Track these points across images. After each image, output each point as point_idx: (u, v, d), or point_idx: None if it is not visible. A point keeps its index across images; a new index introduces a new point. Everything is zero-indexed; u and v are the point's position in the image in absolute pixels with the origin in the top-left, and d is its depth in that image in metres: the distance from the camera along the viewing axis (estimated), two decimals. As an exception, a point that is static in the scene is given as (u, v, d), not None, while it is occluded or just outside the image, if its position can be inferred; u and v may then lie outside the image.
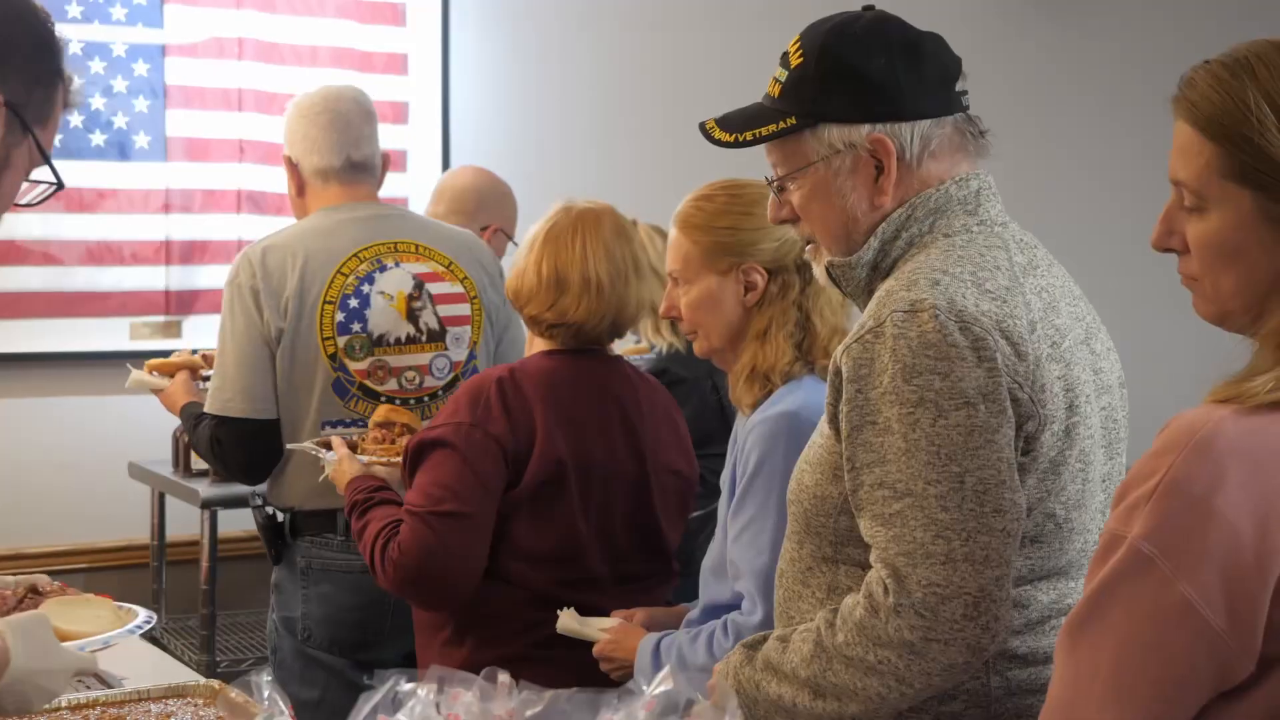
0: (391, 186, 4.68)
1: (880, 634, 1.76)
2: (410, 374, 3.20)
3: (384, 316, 3.17)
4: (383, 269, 3.19)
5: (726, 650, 2.33)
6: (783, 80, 1.98)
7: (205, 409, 3.19)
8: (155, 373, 3.45)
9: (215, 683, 2.28)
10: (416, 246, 3.24)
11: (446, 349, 3.23)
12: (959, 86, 1.98)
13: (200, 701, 2.22)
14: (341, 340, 3.14)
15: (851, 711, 1.81)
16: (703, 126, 2.07)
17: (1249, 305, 1.47)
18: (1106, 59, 5.66)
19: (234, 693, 2.17)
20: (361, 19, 4.70)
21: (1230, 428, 1.39)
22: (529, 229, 2.79)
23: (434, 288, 3.22)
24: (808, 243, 2.05)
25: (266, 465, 3.22)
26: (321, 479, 2.99)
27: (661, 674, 2.09)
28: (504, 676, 2.20)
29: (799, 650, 1.85)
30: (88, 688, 2.24)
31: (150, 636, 3.94)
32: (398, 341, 3.18)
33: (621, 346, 3.81)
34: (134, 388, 3.49)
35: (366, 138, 3.30)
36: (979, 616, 1.73)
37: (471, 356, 3.26)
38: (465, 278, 3.27)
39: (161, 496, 4.27)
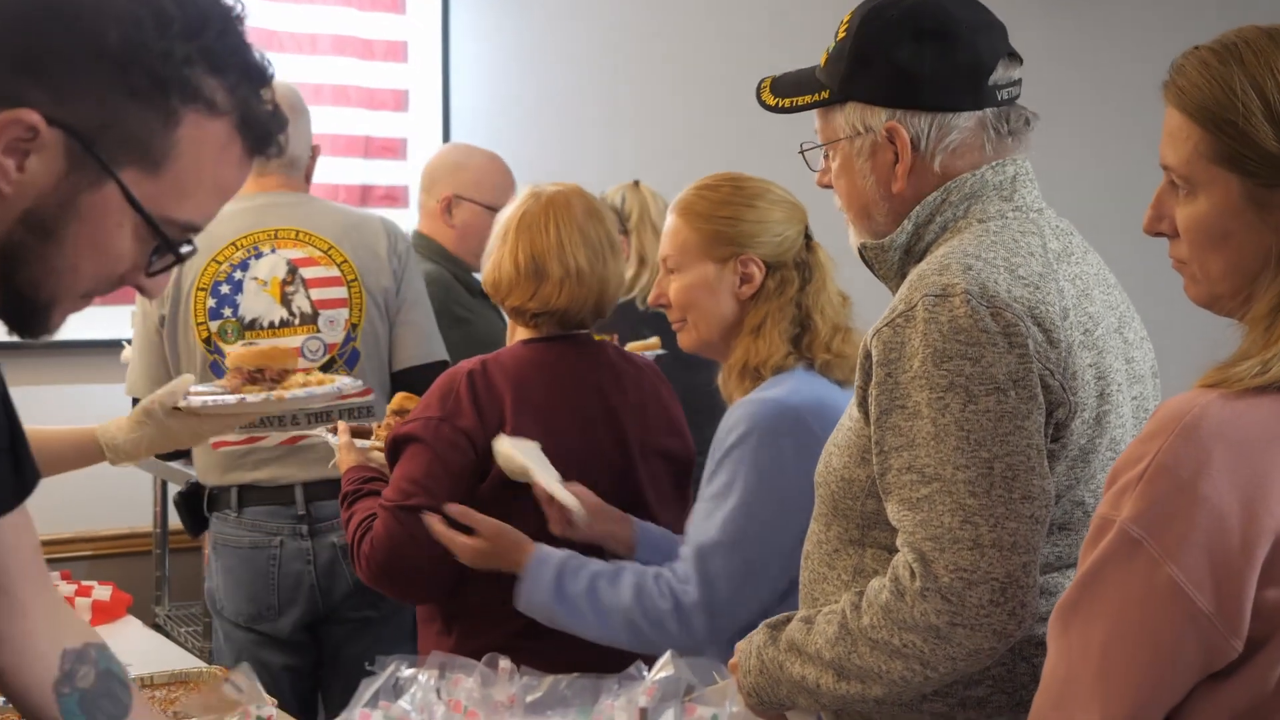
0: (392, 175, 4.72)
1: (905, 618, 1.75)
2: None
3: (256, 301, 3.27)
4: (258, 255, 3.29)
5: (659, 610, 2.35)
6: (830, 52, 2.00)
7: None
8: None
9: (218, 669, 2.30)
10: (296, 233, 3.33)
11: (319, 331, 3.29)
12: (999, 79, 1.94)
13: (203, 689, 2.24)
14: (214, 325, 3.25)
15: (875, 694, 1.80)
16: (759, 84, 2.09)
17: (1237, 288, 1.49)
18: (1107, 52, 5.66)
19: (239, 679, 2.18)
20: (362, 6, 4.69)
21: (1216, 412, 1.40)
22: (498, 218, 2.74)
23: (307, 272, 3.30)
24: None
25: None
26: (331, 465, 3.02)
27: (663, 660, 2.11)
28: (505, 662, 2.22)
29: (823, 632, 1.85)
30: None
31: (153, 624, 3.97)
32: (271, 325, 3.27)
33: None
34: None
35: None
36: (1005, 602, 1.72)
37: (349, 339, 3.31)
38: (344, 261, 3.33)
39: (164, 484, 4.28)
